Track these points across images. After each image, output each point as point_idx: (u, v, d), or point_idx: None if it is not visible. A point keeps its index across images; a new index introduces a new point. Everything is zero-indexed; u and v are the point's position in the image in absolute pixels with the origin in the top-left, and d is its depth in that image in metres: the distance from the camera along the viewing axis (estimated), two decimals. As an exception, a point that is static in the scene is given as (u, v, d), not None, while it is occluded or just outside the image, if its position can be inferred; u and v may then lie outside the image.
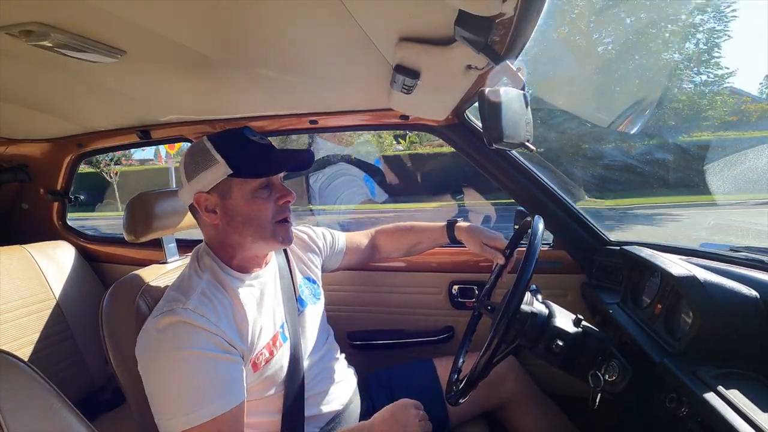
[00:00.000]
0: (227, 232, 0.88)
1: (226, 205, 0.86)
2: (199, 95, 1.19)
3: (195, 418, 0.71)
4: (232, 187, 0.85)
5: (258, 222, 0.86)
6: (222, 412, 0.72)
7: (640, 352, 0.90)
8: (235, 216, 0.86)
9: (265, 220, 0.87)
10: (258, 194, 0.86)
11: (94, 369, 1.61)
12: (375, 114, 1.41)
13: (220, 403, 0.73)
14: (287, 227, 0.91)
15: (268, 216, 0.87)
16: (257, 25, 0.72)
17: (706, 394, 0.67)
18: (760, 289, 0.77)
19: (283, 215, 0.90)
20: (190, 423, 0.71)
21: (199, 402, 0.71)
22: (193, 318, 0.76)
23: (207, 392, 0.72)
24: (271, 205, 0.87)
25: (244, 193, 0.85)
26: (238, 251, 0.90)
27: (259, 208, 0.86)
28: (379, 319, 1.59)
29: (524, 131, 0.75)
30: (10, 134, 1.61)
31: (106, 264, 1.90)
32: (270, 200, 0.87)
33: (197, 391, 0.72)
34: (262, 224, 0.86)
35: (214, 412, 0.72)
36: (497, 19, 0.58)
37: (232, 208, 0.86)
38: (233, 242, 0.89)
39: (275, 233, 0.88)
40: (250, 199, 0.85)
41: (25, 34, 0.68)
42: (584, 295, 1.38)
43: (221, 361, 0.76)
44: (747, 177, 1.42)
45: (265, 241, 0.89)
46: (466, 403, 0.91)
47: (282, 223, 0.90)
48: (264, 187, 0.87)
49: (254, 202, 0.86)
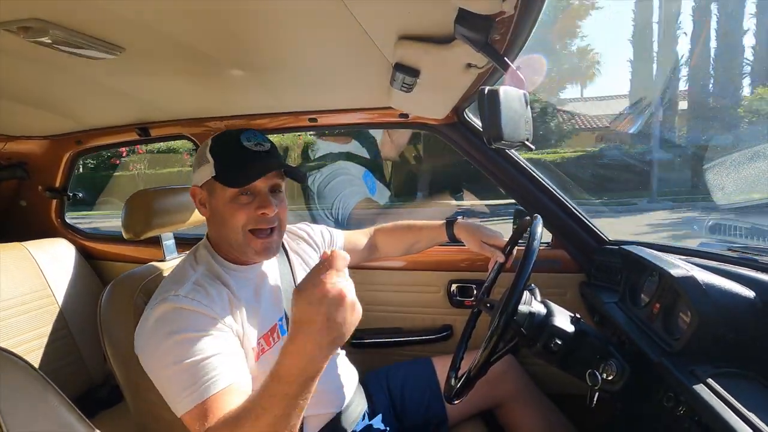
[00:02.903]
0: (212, 228, 0.92)
1: (211, 202, 0.89)
2: (198, 93, 1.19)
3: (199, 396, 0.70)
4: (216, 188, 0.87)
5: (230, 226, 0.86)
6: (219, 389, 0.71)
7: (638, 352, 0.90)
8: (215, 215, 0.89)
9: (235, 226, 0.86)
10: (237, 200, 0.86)
11: (93, 366, 1.61)
12: (375, 112, 1.40)
13: (223, 377, 0.72)
14: (263, 241, 0.88)
15: (238, 223, 0.85)
16: (257, 23, 0.72)
17: (703, 394, 0.67)
18: (757, 288, 0.77)
19: (259, 225, 0.87)
20: (196, 400, 0.70)
21: (198, 381, 0.71)
22: (186, 302, 0.77)
23: (208, 369, 0.72)
24: (245, 214, 0.85)
25: (225, 196, 0.86)
26: (227, 247, 0.91)
27: (233, 213, 0.85)
28: (377, 317, 1.59)
29: (524, 130, 0.75)
30: (8, 131, 1.60)
31: (104, 261, 1.90)
32: (247, 208, 0.86)
33: (196, 370, 0.72)
34: (233, 229, 0.86)
35: (217, 387, 0.71)
36: (497, 18, 0.58)
37: (215, 207, 0.88)
38: (220, 238, 0.91)
39: (248, 243, 0.87)
40: (228, 202, 0.86)
41: (23, 31, 0.68)
42: (583, 295, 1.39)
43: (217, 340, 0.76)
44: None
45: (239, 247, 0.88)
46: (464, 401, 0.91)
47: (255, 233, 0.87)
48: (245, 194, 0.86)
49: (230, 206, 0.86)
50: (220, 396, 0.71)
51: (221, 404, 0.70)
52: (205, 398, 0.70)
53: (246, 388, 0.77)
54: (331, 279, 0.58)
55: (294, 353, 0.59)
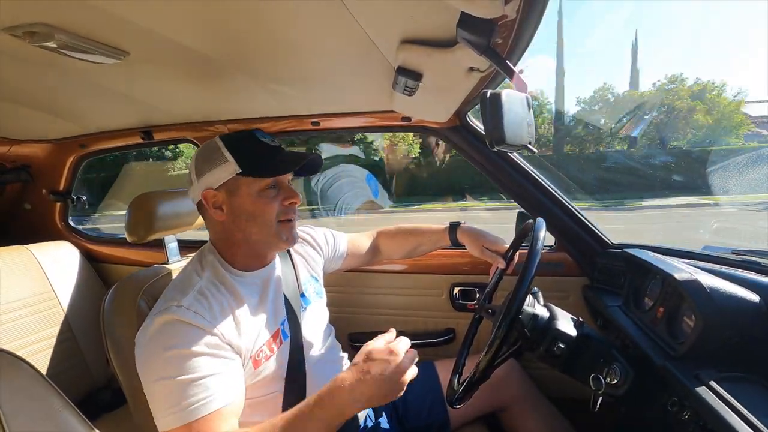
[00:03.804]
0: (232, 230, 0.90)
1: (232, 202, 0.88)
2: (201, 96, 1.20)
3: (186, 416, 0.70)
4: (240, 186, 0.87)
5: (262, 220, 0.88)
6: (209, 412, 0.71)
7: (642, 356, 0.89)
8: (240, 214, 0.88)
9: (269, 219, 0.88)
10: (264, 194, 0.88)
11: (95, 369, 1.61)
12: (377, 116, 1.41)
13: (209, 402, 0.72)
14: (290, 227, 0.92)
15: (272, 215, 0.88)
16: (260, 27, 0.73)
17: (708, 398, 0.67)
18: (762, 292, 0.77)
19: (288, 216, 0.91)
20: (184, 420, 0.70)
21: (188, 401, 0.71)
22: (188, 316, 0.76)
23: (196, 391, 0.71)
24: (277, 205, 0.89)
25: (251, 192, 0.87)
26: (242, 249, 0.91)
27: (264, 208, 0.88)
28: (380, 320, 1.59)
29: (526, 133, 0.74)
30: (12, 135, 1.62)
31: (107, 264, 1.90)
32: (276, 200, 0.89)
33: (188, 389, 0.71)
34: (266, 223, 0.88)
35: (200, 412, 0.71)
36: (499, 22, 0.58)
37: (239, 205, 0.88)
38: (238, 240, 0.91)
39: (279, 232, 0.90)
40: (256, 197, 0.87)
41: (29, 35, 0.69)
42: (586, 298, 1.38)
43: (215, 360, 0.76)
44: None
45: (269, 239, 0.90)
46: (467, 405, 0.91)
47: (285, 222, 0.91)
48: (271, 187, 0.89)
49: (260, 201, 0.87)
50: (209, 419, 0.71)
51: (208, 428, 0.71)
52: (192, 420, 0.70)
53: (237, 410, 0.77)
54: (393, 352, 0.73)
55: (345, 391, 0.70)
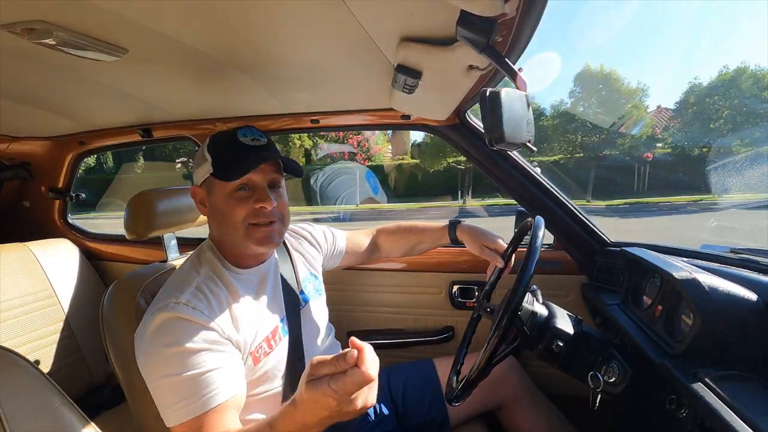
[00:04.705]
0: (213, 227, 0.93)
1: (210, 200, 0.90)
2: (200, 94, 1.19)
3: (194, 410, 0.71)
4: (214, 185, 0.88)
5: (231, 221, 0.87)
6: (215, 405, 0.72)
7: (640, 354, 0.90)
8: (215, 212, 0.90)
9: (236, 220, 0.86)
10: (235, 195, 0.87)
11: (95, 367, 1.62)
12: (376, 114, 1.41)
13: (215, 395, 0.73)
14: (264, 229, 0.88)
15: (239, 217, 0.86)
16: (259, 25, 0.72)
17: (706, 396, 0.67)
18: (760, 290, 0.77)
19: (258, 219, 0.87)
20: (191, 414, 0.71)
21: (195, 395, 0.72)
22: (186, 312, 0.77)
23: (201, 386, 0.72)
24: (246, 207, 0.86)
25: (222, 192, 0.87)
26: (230, 246, 0.92)
27: (232, 209, 0.86)
28: (379, 318, 1.60)
29: (525, 132, 0.75)
30: (12, 132, 1.61)
31: (107, 262, 1.90)
32: (247, 202, 0.87)
33: (192, 384, 0.72)
34: (234, 224, 0.87)
35: (208, 405, 0.72)
36: (499, 20, 0.58)
37: (214, 204, 0.89)
38: (221, 237, 0.92)
39: (249, 235, 0.87)
40: (227, 198, 0.87)
41: (27, 32, 0.68)
42: (584, 296, 1.38)
43: (215, 354, 0.76)
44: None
45: (239, 241, 0.88)
46: (465, 403, 0.91)
47: (256, 225, 0.88)
48: (242, 189, 0.87)
49: (230, 201, 0.87)
50: (215, 412, 0.72)
51: (215, 421, 0.72)
52: (200, 413, 0.71)
53: (241, 402, 0.78)
54: (353, 379, 0.53)
55: (293, 421, 0.62)
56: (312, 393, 0.56)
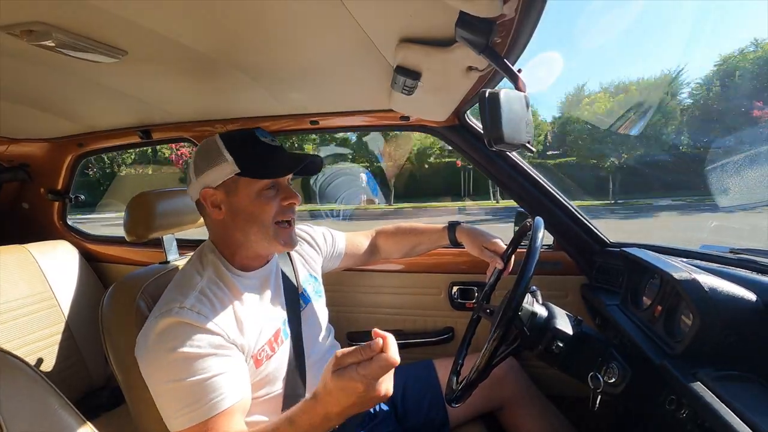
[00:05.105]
0: (231, 229, 0.90)
1: (231, 202, 0.87)
2: (200, 96, 1.19)
3: (198, 416, 0.71)
4: (239, 186, 0.86)
5: (260, 221, 0.87)
6: (221, 410, 0.73)
7: (640, 354, 0.90)
8: (238, 213, 0.87)
9: (267, 219, 0.87)
10: (263, 194, 0.87)
11: (94, 369, 1.61)
12: (376, 115, 1.41)
13: (222, 400, 0.73)
14: (289, 231, 0.91)
15: (270, 216, 0.87)
16: (258, 26, 0.72)
17: (705, 396, 0.67)
18: (759, 291, 0.77)
19: (286, 217, 0.90)
20: (195, 420, 0.71)
21: (201, 400, 0.72)
22: (191, 317, 0.76)
23: (207, 391, 0.72)
24: (275, 206, 0.88)
25: (249, 192, 0.86)
26: (240, 249, 0.91)
27: (262, 208, 0.87)
28: (379, 319, 1.59)
29: (524, 133, 0.75)
30: (10, 134, 1.61)
31: (106, 264, 1.90)
32: (275, 200, 0.88)
33: (198, 390, 0.72)
34: (263, 223, 0.87)
35: (214, 410, 0.72)
36: (498, 21, 0.58)
37: (237, 205, 0.87)
38: (236, 239, 0.90)
39: (277, 235, 0.89)
40: (254, 198, 0.86)
41: (26, 34, 0.68)
42: (584, 297, 1.38)
43: (221, 359, 0.76)
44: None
45: (267, 241, 0.89)
46: (465, 404, 0.91)
47: (283, 225, 0.90)
48: (270, 188, 0.88)
49: (258, 201, 0.87)
50: (222, 417, 0.72)
51: (222, 425, 0.72)
52: (206, 418, 0.71)
53: (247, 406, 0.79)
54: (380, 363, 0.59)
55: (315, 413, 0.64)
56: (339, 381, 0.60)
